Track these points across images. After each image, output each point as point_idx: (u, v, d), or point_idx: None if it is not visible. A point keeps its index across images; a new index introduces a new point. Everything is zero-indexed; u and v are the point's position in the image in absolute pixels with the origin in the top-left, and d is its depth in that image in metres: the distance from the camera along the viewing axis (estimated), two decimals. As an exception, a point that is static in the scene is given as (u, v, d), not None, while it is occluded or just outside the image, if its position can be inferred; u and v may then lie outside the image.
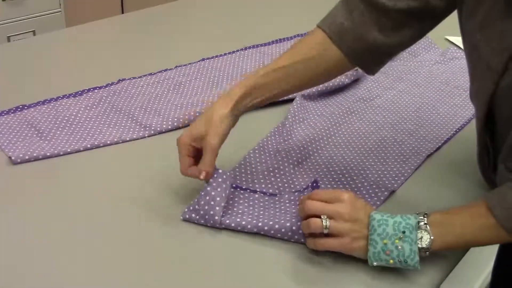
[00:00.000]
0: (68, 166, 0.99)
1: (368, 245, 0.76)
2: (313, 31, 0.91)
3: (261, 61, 1.38)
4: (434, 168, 1.03)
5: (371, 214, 0.77)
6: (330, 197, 0.79)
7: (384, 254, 0.75)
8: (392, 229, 0.75)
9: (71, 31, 1.63)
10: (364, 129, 1.12)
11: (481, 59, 0.77)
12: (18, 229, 0.84)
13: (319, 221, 0.77)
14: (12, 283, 0.75)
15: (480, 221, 0.76)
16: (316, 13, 0.95)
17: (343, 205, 0.77)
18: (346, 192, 0.79)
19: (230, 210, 0.87)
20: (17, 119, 1.09)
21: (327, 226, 0.76)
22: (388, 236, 0.75)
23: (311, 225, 0.77)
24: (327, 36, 0.88)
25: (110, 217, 0.88)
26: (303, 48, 0.90)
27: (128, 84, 1.24)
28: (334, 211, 0.77)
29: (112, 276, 0.77)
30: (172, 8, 1.73)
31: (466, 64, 0.86)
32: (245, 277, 0.78)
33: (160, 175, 0.96)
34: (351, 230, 0.76)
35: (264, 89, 0.88)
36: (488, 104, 0.79)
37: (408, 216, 0.76)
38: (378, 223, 0.76)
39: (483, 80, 0.79)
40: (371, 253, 0.76)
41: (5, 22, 2.29)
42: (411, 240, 0.75)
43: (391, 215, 0.77)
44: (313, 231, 0.78)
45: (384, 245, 0.75)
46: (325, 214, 0.77)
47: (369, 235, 0.76)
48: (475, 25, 0.78)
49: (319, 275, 0.79)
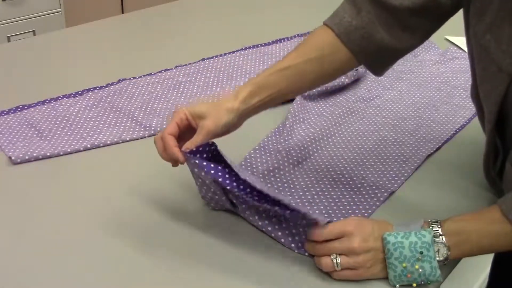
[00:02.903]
0: (68, 166, 0.99)
1: (386, 268, 0.75)
2: (320, 29, 0.90)
3: (261, 61, 1.38)
4: (434, 168, 1.02)
5: (385, 237, 0.75)
6: (336, 234, 0.76)
7: (405, 277, 0.74)
8: (409, 251, 0.74)
9: (71, 31, 1.63)
10: (364, 129, 1.12)
11: (492, 61, 0.77)
12: (18, 229, 0.84)
13: (329, 261, 0.75)
14: (12, 283, 0.75)
15: (496, 227, 0.75)
16: (316, 13, 0.95)
17: (352, 239, 0.75)
18: (351, 223, 0.77)
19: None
20: (17, 119, 1.09)
21: (338, 265, 0.75)
22: (407, 259, 0.74)
23: (323, 266, 0.76)
24: (335, 35, 0.87)
25: (110, 217, 0.87)
26: (311, 47, 0.89)
27: (128, 84, 1.24)
28: (344, 249, 0.75)
29: (112, 276, 0.77)
30: (172, 8, 1.73)
31: (466, 64, 0.86)
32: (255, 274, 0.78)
33: (160, 175, 0.96)
34: (364, 261, 0.75)
35: (272, 88, 0.86)
36: (499, 106, 0.79)
37: (423, 233, 0.74)
38: (394, 247, 0.74)
39: (494, 82, 0.78)
40: (392, 276, 0.75)
41: (5, 22, 2.29)
42: (430, 258, 0.74)
43: (405, 234, 0.75)
44: (326, 270, 0.77)
45: (403, 268, 0.74)
46: (336, 253, 0.75)
47: (387, 259, 0.75)
48: (484, 26, 0.77)
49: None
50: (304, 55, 0.88)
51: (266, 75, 0.87)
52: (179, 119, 0.82)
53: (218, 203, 0.86)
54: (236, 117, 0.84)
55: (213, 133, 0.82)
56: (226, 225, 0.86)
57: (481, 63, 0.80)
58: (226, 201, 0.84)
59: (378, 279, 0.77)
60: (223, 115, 0.82)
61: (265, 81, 0.86)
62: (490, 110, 0.81)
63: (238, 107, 0.83)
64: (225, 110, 0.82)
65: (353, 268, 0.75)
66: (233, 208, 0.86)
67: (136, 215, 0.88)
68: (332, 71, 0.90)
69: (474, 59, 0.82)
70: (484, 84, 0.81)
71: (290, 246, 0.82)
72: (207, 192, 0.86)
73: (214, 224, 0.86)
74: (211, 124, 0.81)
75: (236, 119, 0.84)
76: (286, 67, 0.87)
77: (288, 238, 0.82)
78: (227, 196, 0.83)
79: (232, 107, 0.83)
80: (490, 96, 0.80)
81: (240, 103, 0.84)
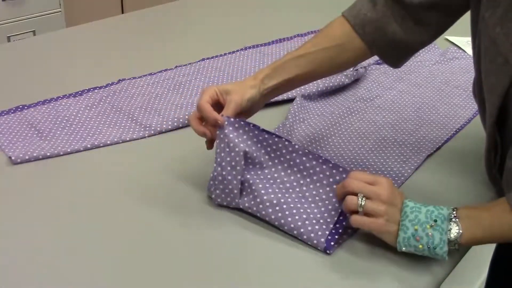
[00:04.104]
0: (68, 166, 0.99)
1: (398, 230, 0.78)
2: (337, 19, 0.95)
3: (261, 61, 1.38)
4: (434, 168, 1.03)
5: (405, 201, 0.79)
6: (369, 179, 0.80)
7: (414, 239, 0.76)
8: (424, 216, 0.77)
9: (71, 31, 1.63)
10: (364, 129, 1.12)
11: (499, 53, 0.78)
12: (18, 229, 0.84)
13: (355, 198, 0.79)
14: (12, 283, 0.75)
15: (509, 217, 0.77)
16: (316, 13, 0.95)
17: (382, 187, 0.79)
18: (385, 177, 0.81)
19: (249, 189, 0.87)
20: (17, 119, 1.09)
21: (361, 205, 0.78)
22: (420, 223, 0.76)
23: (348, 202, 0.79)
24: (351, 26, 0.92)
25: (110, 217, 0.87)
26: (328, 37, 0.94)
27: (128, 84, 1.24)
28: (372, 192, 0.79)
29: (112, 276, 0.77)
30: (172, 8, 1.73)
31: (466, 64, 0.86)
32: (256, 274, 0.78)
33: (160, 175, 0.96)
34: (386, 212, 0.78)
35: (287, 73, 0.92)
36: (503, 99, 0.80)
37: (441, 207, 0.78)
38: (411, 210, 0.78)
39: (499, 75, 0.79)
40: (401, 238, 0.77)
41: (5, 22, 2.29)
42: (442, 229, 0.76)
43: (424, 204, 0.79)
44: (348, 208, 0.80)
45: (414, 231, 0.76)
46: (364, 193, 0.79)
47: (401, 221, 0.78)
48: (496, 18, 0.79)
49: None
50: (319, 44, 0.93)
51: (283, 61, 0.93)
52: (211, 94, 0.88)
53: (227, 197, 0.87)
54: (258, 93, 0.90)
55: (240, 106, 0.88)
56: (228, 224, 0.86)
57: (489, 56, 0.81)
58: (237, 195, 0.86)
59: (387, 276, 0.77)
60: (247, 91, 0.89)
61: (281, 67, 0.92)
62: (493, 104, 0.82)
63: (259, 85, 0.90)
64: (248, 87, 0.89)
65: (374, 215, 0.78)
66: (239, 200, 0.86)
67: (136, 215, 0.88)
68: (346, 60, 0.95)
69: (481, 53, 0.83)
70: (489, 77, 0.82)
71: (300, 231, 0.82)
72: (219, 184, 0.86)
73: (213, 224, 0.87)
74: (238, 98, 0.88)
75: (259, 95, 0.90)
76: (302, 54, 0.93)
77: (298, 223, 0.83)
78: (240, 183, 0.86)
79: (254, 84, 0.90)
80: (494, 89, 0.81)
81: (260, 81, 0.91)
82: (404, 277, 0.79)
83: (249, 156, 0.87)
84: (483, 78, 0.84)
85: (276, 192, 0.86)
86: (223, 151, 0.86)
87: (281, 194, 0.86)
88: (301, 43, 1.46)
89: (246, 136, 0.88)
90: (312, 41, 0.95)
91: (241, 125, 0.87)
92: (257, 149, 0.89)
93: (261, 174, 0.88)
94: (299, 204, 0.85)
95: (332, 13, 0.99)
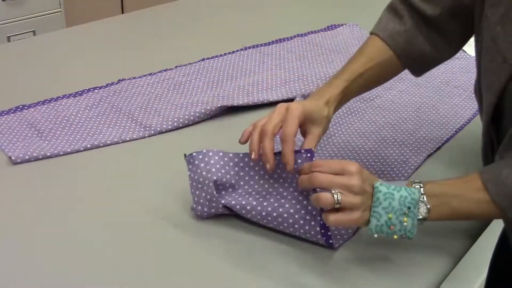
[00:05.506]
0: (68, 166, 0.99)
1: (370, 216, 0.75)
2: (369, 39, 0.96)
3: (261, 61, 1.38)
4: (434, 168, 1.03)
5: (376, 186, 0.75)
6: (336, 168, 0.76)
7: (388, 228, 0.74)
8: (398, 203, 0.74)
9: (71, 31, 1.63)
10: (364, 129, 1.12)
11: (498, 52, 0.79)
12: (18, 229, 0.84)
13: (330, 196, 0.74)
14: (12, 283, 0.75)
15: (476, 195, 0.76)
16: (316, 13, 0.95)
17: (353, 177, 0.74)
18: (352, 163, 0.76)
19: (233, 192, 0.85)
20: (17, 119, 1.09)
21: (338, 201, 0.73)
22: (394, 211, 0.74)
23: (322, 200, 0.74)
24: (381, 39, 0.93)
25: (110, 217, 0.88)
26: (371, 54, 0.94)
27: (128, 84, 1.24)
28: (344, 185, 0.74)
29: (112, 276, 0.77)
30: (172, 8, 1.74)
31: (466, 64, 0.87)
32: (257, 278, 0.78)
33: (160, 175, 0.96)
34: (361, 203, 0.74)
35: (353, 95, 0.94)
36: (499, 98, 0.80)
37: (413, 191, 0.75)
38: (384, 197, 0.74)
39: (497, 73, 0.80)
40: (373, 225, 0.75)
41: (5, 22, 2.29)
42: (414, 214, 0.74)
43: (396, 188, 0.75)
44: (324, 206, 0.75)
45: (388, 219, 0.74)
46: (335, 188, 0.74)
47: (373, 207, 0.75)
48: (497, 17, 0.79)
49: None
50: (370, 62, 0.93)
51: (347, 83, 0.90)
52: (299, 122, 0.84)
53: (210, 208, 0.85)
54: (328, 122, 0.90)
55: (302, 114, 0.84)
56: (229, 224, 0.86)
57: (489, 55, 0.82)
58: (219, 206, 0.84)
59: (386, 276, 0.77)
60: (324, 121, 0.87)
61: (348, 89, 0.91)
62: (489, 102, 0.82)
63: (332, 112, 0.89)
64: (325, 116, 0.88)
65: (349, 209, 0.74)
66: (230, 206, 0.85)
67: (136, 215, 0.88)
68: (389, 74, 0.97)
69: (482, 51, 0.84)
70: (487, 75, 0.83)
71: (301, 230, 0.82)
72: (199, 199, 0.85)
73: (214, 224, 0.87)
74: (321, 131, 0.87)
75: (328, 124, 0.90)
76: (361, 73, 0.92)
77: (300, 221, 0.82)
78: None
79: (329, 113, 0.88)
80: (491, 87, 0.81)
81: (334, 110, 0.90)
82: (404, 277, 0.79)
83: (219, 183, 0.84)
84: (482, 76, 0.84)
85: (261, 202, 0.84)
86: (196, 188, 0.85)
87: (266, 203, 0.83)
88: (301, 43, 1.48)
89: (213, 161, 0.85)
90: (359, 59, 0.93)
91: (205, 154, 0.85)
92: (226, 172, 0.85)
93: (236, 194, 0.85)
94: (287, 204, 0.83)
95: (332, 13, 0.99)
